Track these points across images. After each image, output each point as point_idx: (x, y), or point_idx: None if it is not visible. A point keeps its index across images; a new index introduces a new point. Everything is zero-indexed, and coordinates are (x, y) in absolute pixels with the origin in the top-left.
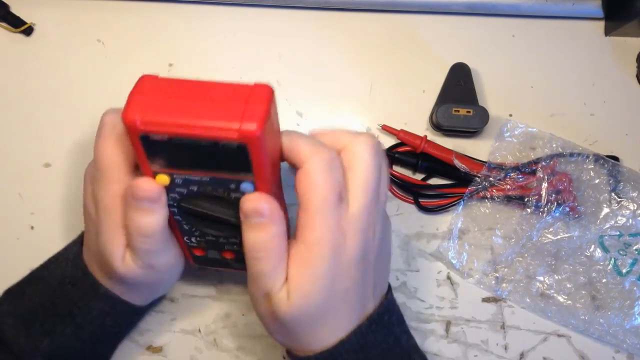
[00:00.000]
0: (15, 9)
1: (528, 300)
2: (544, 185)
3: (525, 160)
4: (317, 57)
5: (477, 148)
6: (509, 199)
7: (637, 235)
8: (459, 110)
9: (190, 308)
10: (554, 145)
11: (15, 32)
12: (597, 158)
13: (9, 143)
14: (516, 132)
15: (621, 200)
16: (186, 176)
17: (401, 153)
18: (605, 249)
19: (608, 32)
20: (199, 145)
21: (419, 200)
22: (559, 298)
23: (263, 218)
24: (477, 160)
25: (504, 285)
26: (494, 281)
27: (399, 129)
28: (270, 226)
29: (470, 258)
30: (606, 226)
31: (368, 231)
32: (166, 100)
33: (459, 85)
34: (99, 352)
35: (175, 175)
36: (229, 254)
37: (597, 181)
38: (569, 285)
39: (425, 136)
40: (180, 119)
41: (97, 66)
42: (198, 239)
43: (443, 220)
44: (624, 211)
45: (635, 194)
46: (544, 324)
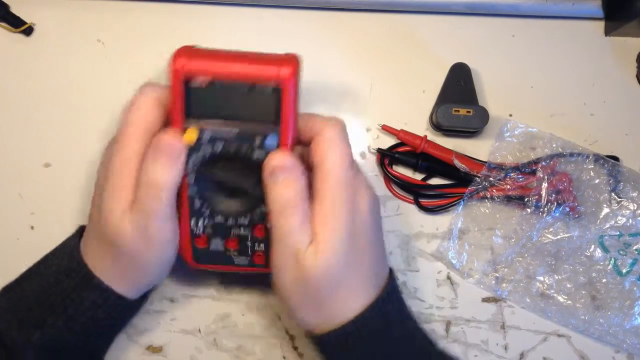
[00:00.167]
0: (15, 9)
1: (528, 300)
2: (544, 185)
3: (525, 160)
4: (317, 57)
5: (477, 148)
6: (509, 199)
7: (637, 235)
8: (459, 110)
9: (190, 308)
10: (554, 145)
11: (15, 32)
12: (597, 158)
13: (9, 143)
14: (516, 132)
15: (621, 200)
16: (215, 131)
17: (401, 153)
18: (605, 249)
19: (608, 32)
20: (237, 90)
21: (419, 200)
22: (559, 298)
23: (289, 174)
24: (477, 160)
25: (504, 285)
26: (494, 281)
27: (399, 129)
28: (296, 182)
29: (470, 258)
30: (606, 226)
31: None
32: (209, 54)
33: (459, 85)
34: (91, 347)
35: (204, 130)
36: (233, 243)
37: (597, 181)
38: (569, 285)
39: (425, 136)
40: (222, 64)
41: (97, 66)
42: (205, 222)
43: (443, 220)
44: (624, 211)
45: (635, 194)
46: (544, 324)
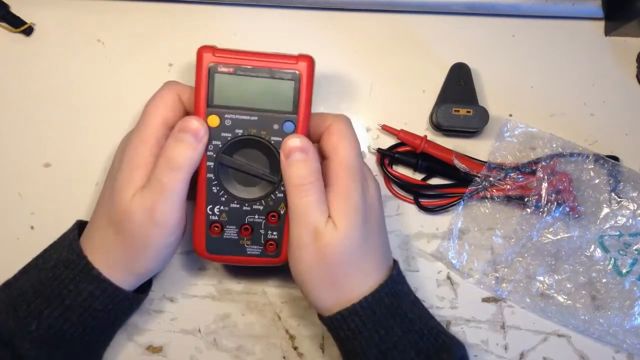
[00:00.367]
0: (15, 9)
1: (528, 300)
2: (544, 185)
3: (525, 160)
4: (317, 57)
5: (477, 148)
6: (509, 199)
7: (637, 235)
8: (459, 110)
9: (190, 308)
10: (554, 145)
11: (15, 32)
12: (597, 158)
13: (9, 143)
14: (516, 132)
15: (621, 200)
16: (235, 118)
17: (401, 153)
18: (605, 249)
19: (608, 32)
20: (257, 79)
21: (419, 200)
22: (559, 298)
23: (305, 154)
24: (477, 160)
25: (504, 285)
26: (494, 281)
27: (399, 129)
28: (312, 161)
29: (470, 258)
30: (606, 226)
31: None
32: (232, 49)
33: (459, 85)
34: (88, 339)
35: (225, 116)
36: (247, 231)
37: (597, 181)
38: (569, 285)
39: (425, 136)
40: (245, 55)
41: (97, 66)
42: (221, 208)
43: (443, 220)
44: (624, 211)
45: (635, 194)
46: (544, 324)
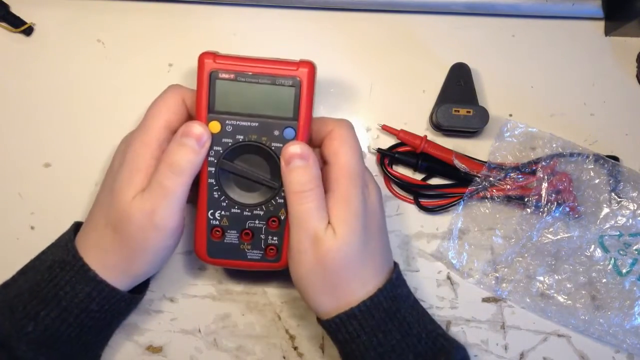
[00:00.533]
0: (15, 9)
1: (528, 300)
2: (544, 185)
3: (525, 160)
4: (317, 57)
5: (477, 148)
6: (509, 199)
7: (637, 235)
8: (459, 110)
9: (190, 308)
10: (554, 145)
11: (15, 32)
12: (597, 158)
13: (9, 143)
14: (516, 132)
15: (621, 200)
16: (236, 124)
17: (401, 153)
18: (605, 249)
19: (608, 32)
20: (258, 85)
21: (419, 200)
22: (559, 298)
23: (305, 161)
24: (477, 160)
25: (504, 285)
26: (494, 281)
27: (399, 129)
28: (312, 168)
29: (470, 258)
30: (606, 226)
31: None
32: (233, 55)
33: (459, 85)
34: (85, 340)
35: (226, 122)
36: (248, 235)
37: (597, 181)
38: (569, 285)
39: (425, 136)
40: (246, 61)
41: (97, 66)
42: (222, 212)
43: (443, 220)
44: (624, 211)
45: (635, 194)
46: (544, 324)
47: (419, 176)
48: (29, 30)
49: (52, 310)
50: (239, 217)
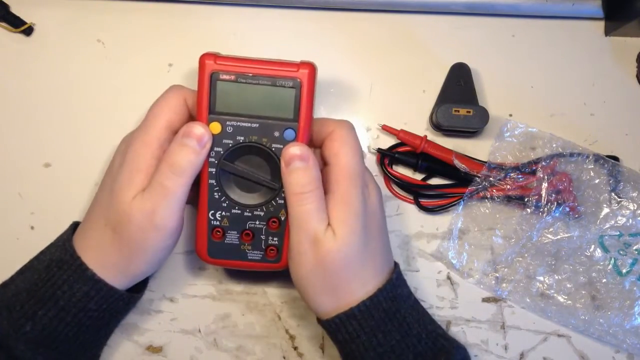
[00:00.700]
0: (15, 9)
1: (528, 300)
2: (544, 185)
3: (525, 160)
4: (317, 57)
5: (477, 148)
6: (509, 199)
7: (637, 235)
8: (459, 110)
9: (190, 308)
10: (554, 145)
11: (15, 32)
12: (597, 158)
13: (9, 143)
14: (516, 132)
15: (621, 200)
16: (237, 125)
17: (401, 153)
18: (605, 249)
19: (608, 32)
20: (259, 86)
21: (419, 200)
22: (559, 298)
23: (305, 162)
24: (477, 160)
25: (504, 285)
26: (494, 281)
27: (399, 129)
28: (311, 169)
29: (470, 258)
30: (606, 226)
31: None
32: (234, 57)
33: (459, 85)
34: (83, 339)
35: (227, 123)
36: (248, 236)
37: (597, 181)
38: (569, 285)
39: (425, 136)
40: (246, 63)
41: (97, 66)
42: (223, 213)
43: (443, 220)
44: (624, 211)
45: (635, 194)
46: (544, 324)
47: (419, 176)
48: (29, 30)
49: (50, 309)
50: (239, 218)
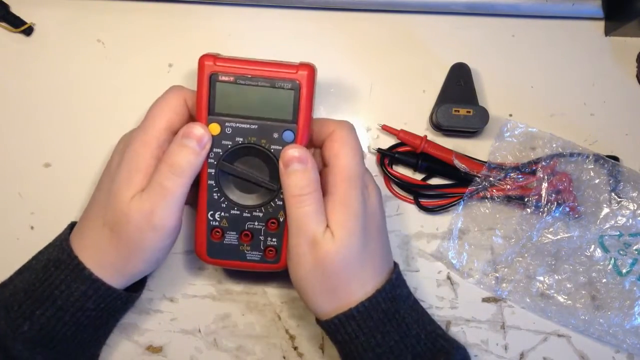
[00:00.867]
0: (15, 9)
1: (528, 300)
2: (544, 185)
3: (525, 160)
4: (317, 57)
5: (477, 148)
6: (509, 199)
7: (637, 235)
8: (459, 110)
9: (190, 308)
10: (554, 145)
11: (15, 32)
12: (597, 158)
13: (9, 143)
14: (516, 132)
15: (621, 200)
16: (236, 126)
17: (401, 153)
18: (605, 249)
19: (608, 32)
20: (258, 88)
21: (419, 200)
22: (559, 298)
23: (304, 164)
24: (477, 160)
25: (504, 285)
26: (494, 281)
27: (399, 129)
28: (310, 172)
29: (470, 258)
30: (606, 226)
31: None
32: (233, 57)
33: (459, 85)
34: (82, 339)
35: (226, 124)
36: (247, 237)
37: (597, 181)
38: (569, 285)
39: (425, 136)
40: (246, 64)
41: (97, 66)
42: (222, 214)
43: (443, 220)
44: (624, 211)
45: (635, 194)
46: (544, 324)
47: (419, 176)
48: (29, 30)
49: (48, 309)
50: (238, 219)
